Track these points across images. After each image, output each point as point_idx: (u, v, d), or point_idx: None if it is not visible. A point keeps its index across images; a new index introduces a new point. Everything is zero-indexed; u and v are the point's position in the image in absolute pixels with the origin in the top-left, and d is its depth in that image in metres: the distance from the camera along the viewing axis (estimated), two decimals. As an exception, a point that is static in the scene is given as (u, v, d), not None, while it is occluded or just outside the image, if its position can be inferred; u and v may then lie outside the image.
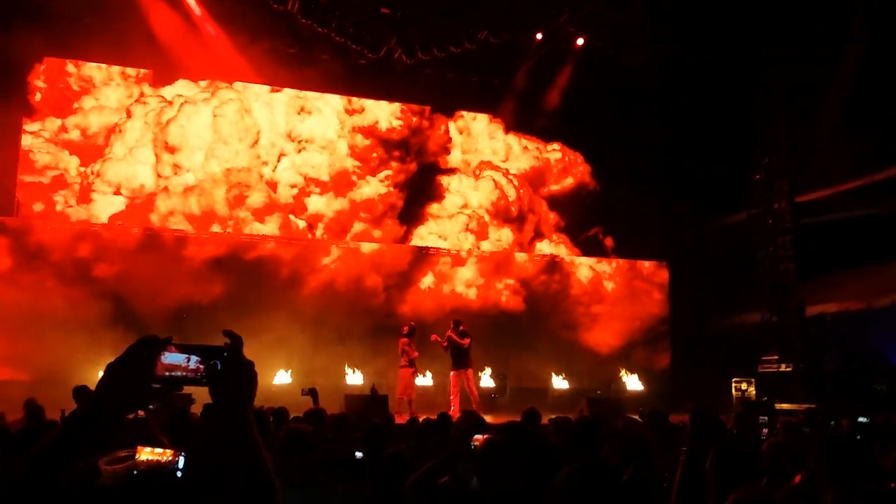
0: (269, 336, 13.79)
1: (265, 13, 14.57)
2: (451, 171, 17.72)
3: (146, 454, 3.07)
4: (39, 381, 10.00)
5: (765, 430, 6.50)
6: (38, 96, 14.58)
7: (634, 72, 15.73)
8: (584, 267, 18.08)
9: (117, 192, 14.94)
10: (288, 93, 16.44)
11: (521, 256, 17.66)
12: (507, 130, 17.93)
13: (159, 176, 15.22)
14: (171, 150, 15.33)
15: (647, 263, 18.40)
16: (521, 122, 17.66)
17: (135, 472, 3.04)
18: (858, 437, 5.55)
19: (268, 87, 16.21)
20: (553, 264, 17.82)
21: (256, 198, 15.76)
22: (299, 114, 16.54)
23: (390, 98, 16.93)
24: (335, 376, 14.45)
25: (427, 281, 16.70)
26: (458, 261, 17.16)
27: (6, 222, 13.85)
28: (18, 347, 11.77)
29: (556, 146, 18.30)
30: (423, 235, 17.21)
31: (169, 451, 2.98)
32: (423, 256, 16.83)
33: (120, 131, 15.16)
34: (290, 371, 14.39)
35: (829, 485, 3.38)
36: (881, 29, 13.75)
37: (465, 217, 17.48)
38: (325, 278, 15.66)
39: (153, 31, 14.22)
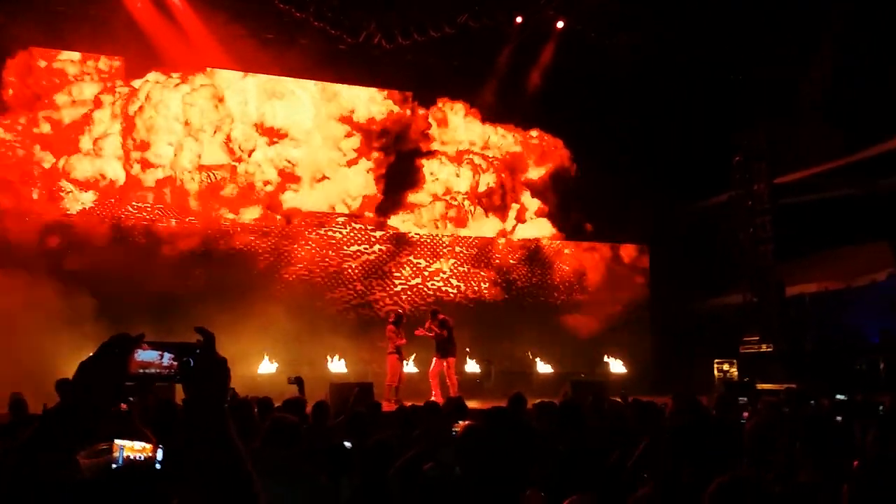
0: (252, 325, 13.80)
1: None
2: (431, 155, 17.64)
3: (126, 448, 3.05)
4: (24, 375, 9.88)
5: (745, 413, 6.54)
6: (10, 91, 14.42)
7: (614, 56, 15.73)
8: (566, 252, 18.13)
9: (87, 187, 14.73)
10: (262, 80, 16.28)
11: (502, 242, 17.67)
12: (485, 120, 17.87)
13: (129, 169, 15.05)
14: (143, 143, 15.16)
15: (628, 247, 18.47)
16: (500, 109, 17.56)
17: (113, 466, 3.02)
18: (837, 416, 5.61)
19: (241, 75, 16.03)
20: (535, 249, 17.85)
21: (230, 190, 15.64)
22: (271, 100, 16.35)
23: (370, 84, 16.85)
24: (320, 365, 14.44)
25: (408, 268, 16.67)
26: (440, 247, 17.13)
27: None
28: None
29: (534, 133, 18.28)
30: (403, 223, 17.15)
31: (148, 444, 2.96)
32: (404, 243, 16.78)
33: (90, 124, 14.97)
34: (274, 361, 14.38)
35: (807, 463, 3.41)
36: (858, 14, 13.83)
37: (445, 203, 17.45)
38: (303, 268, 15.59)
39: (129, 18, 14.09)
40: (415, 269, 16.74)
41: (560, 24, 16.11)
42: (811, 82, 14.95)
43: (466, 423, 3.50)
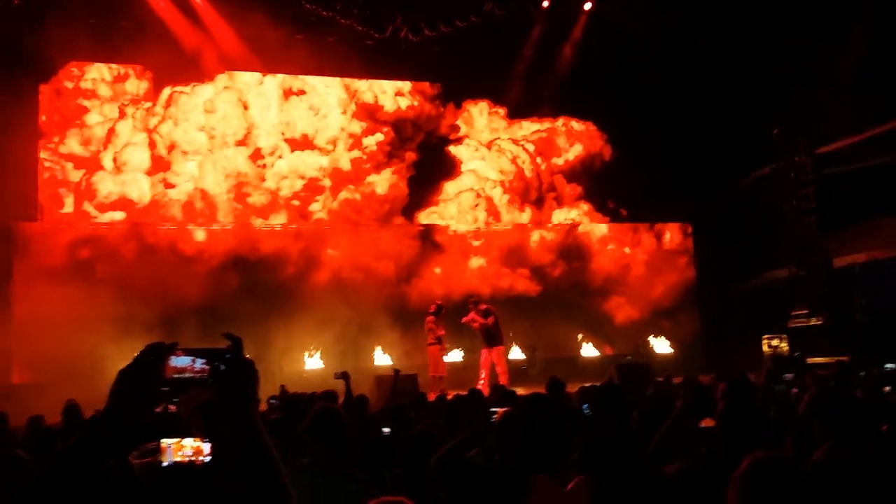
0: (296, 324, 14.05)
1: (269, 1, 14.57)
2: (459, 144, 17.68)
3: (174, 445, 3.16)
4: (72, 383, 10.17)
5: (795, 389, 6.45)
6: (42, 117, 14.84)
7: (643, 35, 15.50)
8: (607, 234, 18.01)
9: (115, 205, 15.01)
10: (287, 82, 16.46)
11: (541, 229, 17.62)
12: (512, 116, 17.83)
13: (154, 184, 15.31)
14: (167, 157, 15.45)
15: (670, 227, 18.27)
16: (529, 98, 17.42)
17: (163, 464, 3.13)
18: (886, 386, 5.51)
19: (265, 78, 16.22)
20: (574, 234, 17.76)
21: (258, 198, 15.85)
22: (297, 103, 16.51)
23: (398, 78, 16.93)
24: (366, 359, 14.64)
25: (448, 259, 16.68)
26: (476, 237, 17.14)
27: (30, 227, 14.13)
28: (49, 350, 11.98)
29: (562, 121, 18.20)
30: (437, 216, 17.21)
31: (195, 442, 3.06)
32: (441, 236, 16.79)
33: (117, 139, 15.26)
34: (321, 357, 14.64)
35: (829, 440, 3.36)
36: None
37: (477, 194, 17.46)
38: (339, 268, 15.55)
39: (154, 26, 14.31)
40: (452, 261, 16.73)
41: (588, 6, 15.98)
42: (850, 49, 14.59)
43: (504, 409, 3.54)
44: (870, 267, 15.29)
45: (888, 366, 6.94)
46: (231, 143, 15.84)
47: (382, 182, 16.75)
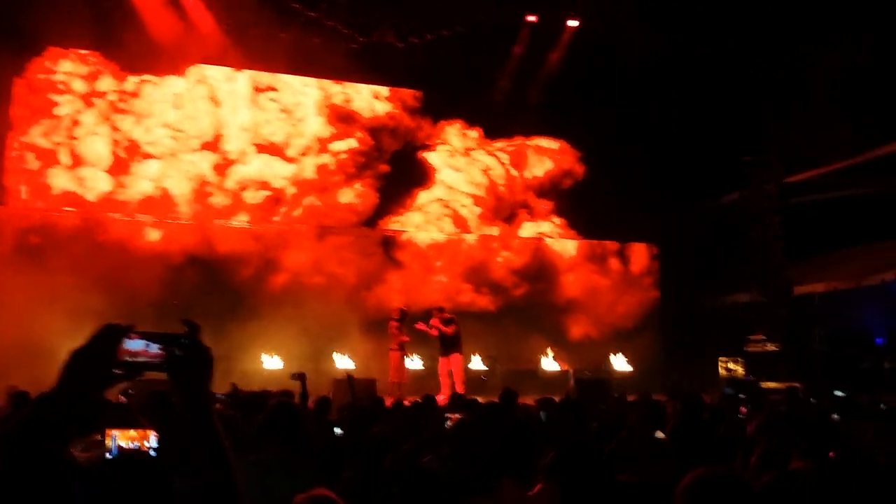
0: (256, 324, 13.99)
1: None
2: (432, 153, 17.68)
3: (119, 436, 3.12)
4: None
5: (742, 409, 6.58)
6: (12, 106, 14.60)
7: (622, 55, 15.67)
8: (573, 253, 18.15)
9: (68, 198, 14.77)
10: (260, 80, 16.35)
11: (509, 240, 17.73)
12: (489, 135, 17.91)
13: (119, 175, 15.11)
14: (134, 147, 15.26)
15: (636, 246, 18.47)
16: (505, 120, 17.47)
17: (108, 455, 3.10)
18: (834, 414, 5.65)
19: (241, 75, 16.12)
20: (541, 249, 17.88)
21: (220, 199, 15.73)
22: (265, 102, 16.39)
23: (380, 83, 16.92)
24: (325, 362, 14.58)
25: (412, 268, 16.70)
26: (448, 245, 17.19)
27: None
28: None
29: (541, 140, 18.31)
30: (406, 223, 17.20)
31: (140, 431, 3.04)
32: (406, 244, 16.81)
33: (79, 131, 15.03)
34: (278, 357, 14.56)
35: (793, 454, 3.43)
36: (873, 12, 13.75)
37: (447, 205, 17.51)
38: (298, 269, 15.49)
39: (140, 20, 14.16)
40: (420, 268, 16.75)
41: (572, 23, 16.12)
42: (822, 81, 14.90)
43: (458, 416, 3.56)
44: (829, 297, 15.61)
45: (837, 393, 7.09)
46: (197, 145, 15.66)
47: (350, 194, 16.67)
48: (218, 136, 15.90)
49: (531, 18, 15.92)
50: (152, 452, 2.40)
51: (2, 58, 13.48)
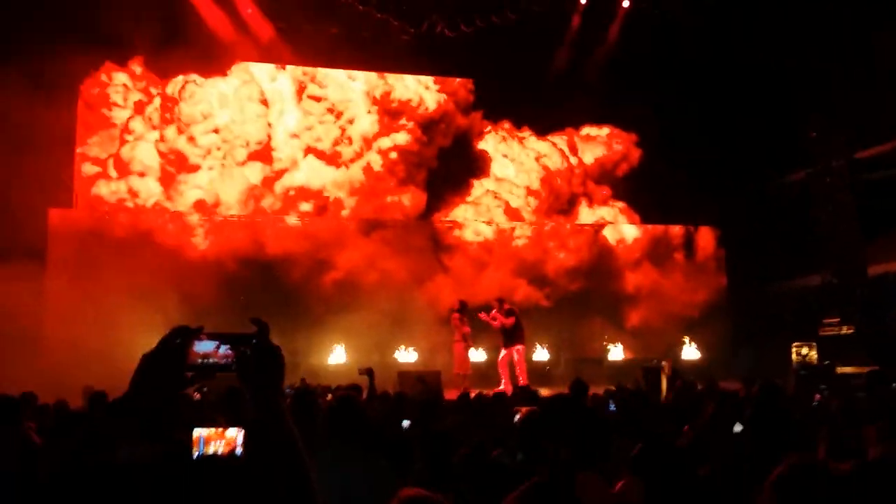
0: (320, 320, 14.16)
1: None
2: (484, 144, 17.60)
3: (206, 436, 3.13)
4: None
5: (817, 395, 6.37)
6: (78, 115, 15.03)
7: (679, 35, 15.35)
8: (635, 237, 17.89)
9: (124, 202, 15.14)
10: (310, 82, 16.50)
11: (569, 230, 17.56)
12: (541, 125, 17.74)
13: (171, 184, 15.40)
14: (184, 157, 15.53)
15: (702, 230, 18.11)
16: (556, 112, 17.28)
17: (194, 455, 3.12)
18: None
19: (291, 77, 16.30)
20: (602, 236, 17.67)
21: (271, 203, 15.94)
22: (313, 104, 16.51)
23: (432, 73, 16.92)
24: (389, 355, 14.71)
25: (472, 258, 16.65)
26: (505, 237, 17.11)
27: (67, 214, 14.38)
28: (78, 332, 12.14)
29: (596, 126, 18.08)
30: (461, 216, 17.18)
31: (228, 432, 3.04)
32: (463, 237, 16.77)
33: (133, 140, 15.38)
34: (345, 351, 14.73)
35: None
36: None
37: (507, 194, 17.42)
38: (355, 266, 15.48)
39: (192, 20, 14.44)
40: (480, 258, 16.70)
41: (626, 3, 15.85)
42: (888, 50, 14.32)
43: (526, 409, 3.53)
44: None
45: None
46: (244, 155, 15.82)
47: (404, 197, 16.72)
48: (267, 142, 16.06)
49: (583, 0, 15.72)
50: (238, 452, 2.41)
51: (68, 70, 13.89)
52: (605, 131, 18.14)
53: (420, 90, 17.05)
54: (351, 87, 16.78)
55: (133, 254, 13.84)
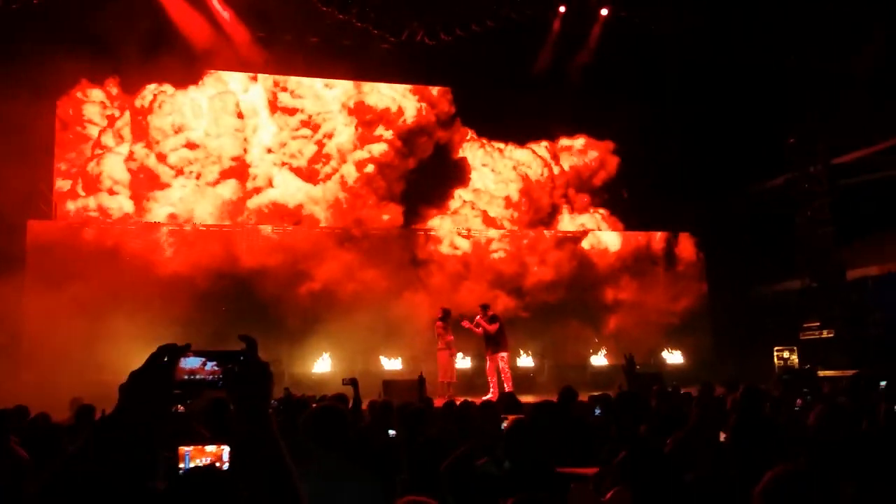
0: (303, 329, 14.10)
1: (285, 4, 14.61)
2: (463, 153, 17.64)
3: (192, 452, 3.13)
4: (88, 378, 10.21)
5: (799, 400, 6.41)
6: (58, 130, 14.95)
7: (658, 42, 15.44)
8: (617, 244, 17.97)
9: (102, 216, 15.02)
10: (285, 93, 16.45)
11: (551, 235, 17.61)
12: (519, 134, 17.80)
13: (143, 200, 15.26)
14: (156, 173, 15.36)
15: (681, 236, 18.21)
16: (539, 114, 17.30)
17: (180, 470, 3.11)
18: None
19: (265, 88, 16.27)
20: (585, 243, 17.74)
21: (246, 216, 15.86)
22: (290, 115, 16.44)
23: (413, 82, 16.93)
24: (374, 363, 14.69)
25: (456, 266, 16.66)
26: (486, 244, 17.13)
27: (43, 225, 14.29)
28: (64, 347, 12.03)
29: (574, 135, 18.18)
30: (441, 225, 17.16)
31: (213, 447, 3.04)
32: (445, 244, 16.80)
33: (105, 154, 15.26)
34: (329, 359, 14.70)
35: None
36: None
37: (485, 205, 17.47)
38: (342, 269, 15.45)
39: (168, 29, 14.36)
40: (465, 265, 16.70)
41: (604, 12, 15.93)
42: (866, 57, 14.50)
43: (513, 417, 3.53)
44: (884, 280, 15.20)
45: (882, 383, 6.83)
46: (216, 173, 15.64)
47: (384, 211, 16.63)
48: (242, 157, 15.92)
49: (562, 9, 15.78)
50: (225, 467, 2.40)
51: (48, 83, 13.82)
52: (581, 141, 18.22)
53: (399, 99, 17.01)
54: (328, 97, 16.70)
55: (111, 266, 13.74)
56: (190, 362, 1.71)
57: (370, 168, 16.51)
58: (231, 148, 15.85)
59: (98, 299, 12.62)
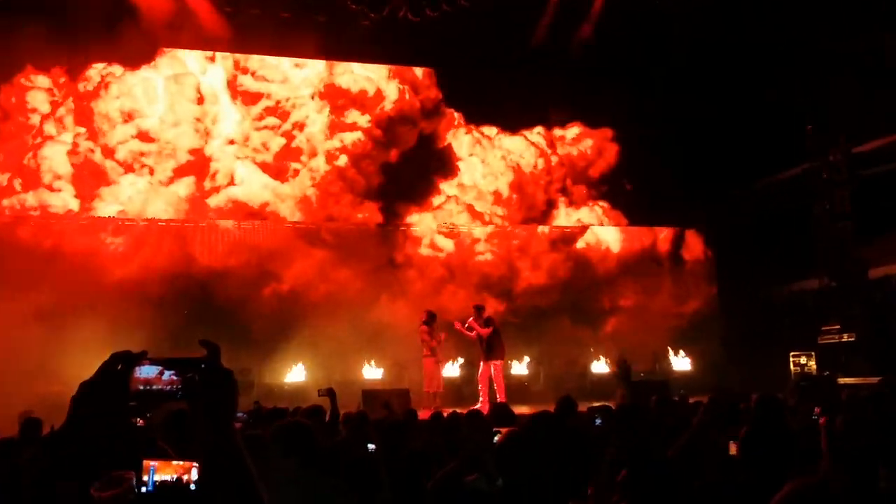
0: (277, 335, 14.04)
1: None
2: (448, 142, 17.61)
3: (157, 468, 3.10)
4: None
5: (817, 409, 6.43)
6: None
7: (665, 20, 15.45)
8: (620, 241, 18.00)
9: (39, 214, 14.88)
10: (251, 77, 16.34)
11: (549, 231, 17.63)
12: (512, 122, 17.81)
13: (88, 198, 15.11)
14: (105, 168, 15.28)
15: (688, 233, 18.27)
16: (533, 101, 17.35)
17: (143, 490, 3.09)
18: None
19: (228, 69, 16.14)
20: (585, 239, 17.77)
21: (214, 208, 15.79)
22: (256, 102, 16.34)
23: (392, 62, 16.86)
24: (353, 372, 14.66)
25: (445, 264, 16.66)
26: (476, 242, 17.14)
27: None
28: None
29: (572, 123, 18.19)
30: (432, 220, 17.18)
31: (181, 462, 3.02)
32: (431, 240, 16.81)
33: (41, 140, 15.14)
34: (303, 368, 14.66)
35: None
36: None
37: (475, 199, 17.47)
38: (314, 269, 15.48)
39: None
40: (455, 264, 16.70)
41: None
42: (890, 40, 14.56)
43: (507, 429, 3.53)
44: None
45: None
46: (175, 161, 15.55)
47: (361, 207, 16.61)
48: (200, 150, 15.79)
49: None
50: (192, 486, 2.39)
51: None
52: (585, 127, 18.23)
53: (379, 82, 16.91)
54: (297, 79, 16.56)
55: (56, 268, 13.63)
56: (146, 371, 1.67)
57: (343, 160, 16.39)
58: (188, 139, 15.67)
59: (45, 304, 12.51)
